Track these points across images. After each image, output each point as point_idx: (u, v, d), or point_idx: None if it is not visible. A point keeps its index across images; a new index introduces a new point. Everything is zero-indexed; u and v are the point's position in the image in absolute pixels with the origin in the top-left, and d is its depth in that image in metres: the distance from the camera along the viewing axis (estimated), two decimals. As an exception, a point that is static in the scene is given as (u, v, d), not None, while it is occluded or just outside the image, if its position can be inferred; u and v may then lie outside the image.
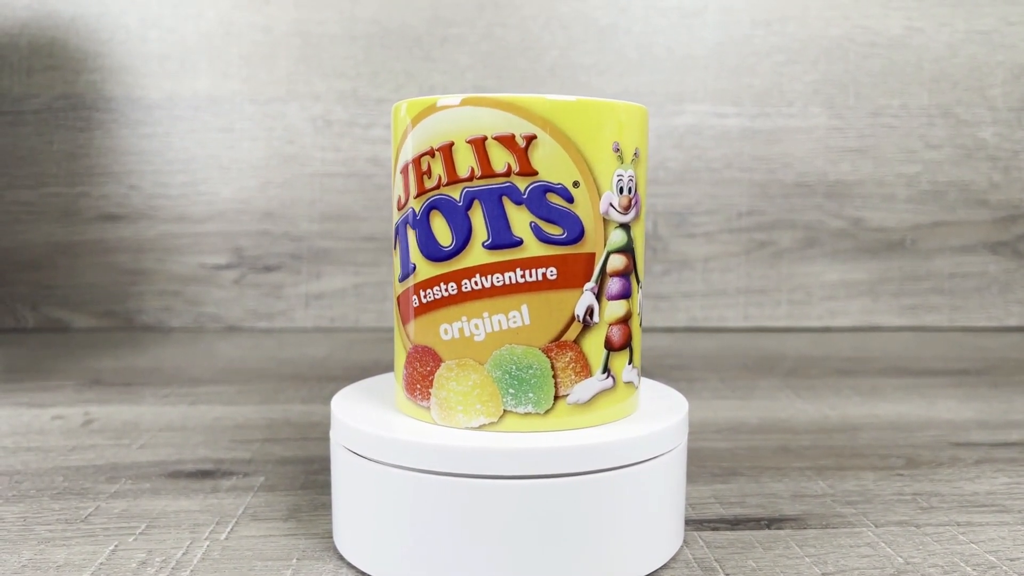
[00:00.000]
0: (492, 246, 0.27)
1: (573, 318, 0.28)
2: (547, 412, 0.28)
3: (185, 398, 0.53)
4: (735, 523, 0.33)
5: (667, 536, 0.30)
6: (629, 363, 0.30)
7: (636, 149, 0.29)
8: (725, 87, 0.81)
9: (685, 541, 0.32)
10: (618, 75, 0.80)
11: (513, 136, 0.27)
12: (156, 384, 0.56)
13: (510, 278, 0.28)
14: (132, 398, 0.53)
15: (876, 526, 0.33)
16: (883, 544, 0.32)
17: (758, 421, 0.49)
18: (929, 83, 0.82)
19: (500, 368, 0.28)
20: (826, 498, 0.36)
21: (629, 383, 0.30)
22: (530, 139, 0.27)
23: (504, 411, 0.28)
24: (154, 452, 0.42)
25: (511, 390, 0.28)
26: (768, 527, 0.33)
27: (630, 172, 0.29)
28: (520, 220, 0.27)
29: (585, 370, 0.28)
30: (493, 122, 0.27)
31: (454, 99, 0.28)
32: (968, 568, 0.30)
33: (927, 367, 0.64)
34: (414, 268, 0.29)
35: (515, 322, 0.28)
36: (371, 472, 0.28)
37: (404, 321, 0.30)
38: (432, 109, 0.28)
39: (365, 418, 0.30)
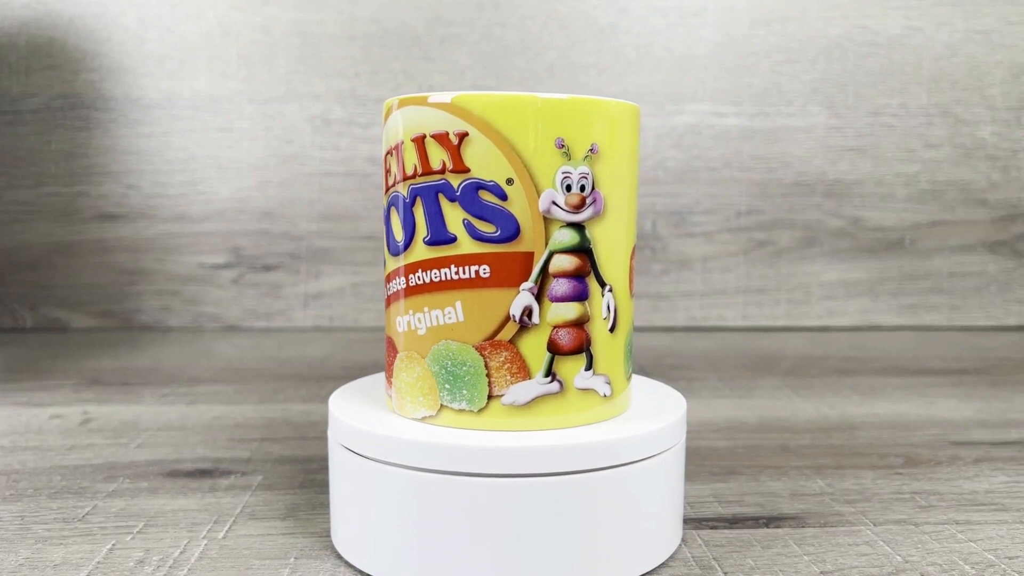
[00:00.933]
0: (430, 242, 0.28)
1: (508, 317, 0.28)
2: (480, 411, 0.28)
3: (183, 397, 0.53)
4: (734, 522, 0.33)
5: (666, 535, 0.30)
6: (587, 369, 0.29)
7: (593, 145, 0.28)
8: (724, 87, 0.81)
9: (684, 540, 0.32)
10: (617, 75, 0.80)
11: (447, 134, 0.27)
12: (154, 384, 0.56)
13: (446, 274, 0.28)
14: (130, 397, 0.53)
15: (875, 525, 0.33)
16: (882, 543, 0.32)
17: (757, 420, 0.49)
18: (928, 82, 0.82)
19: (437, 363, 0.28)
20: (825, 497, 0.36)
21: (588, 390, 0.29)
22: (462, 136, 0.27)
23: (441, 405, 0.28)
24: (152, 451, 0.42)
25: (447, 385, 0.28)
26: (767, 526, 0.33)
27: (582, 169, 0.28)
28: (454, 217, 0.28)
29: (522, 371, 0.28)
30: (432, 121, 0.28)
31: (397, 100, 0.29)
32: (967, 567, 0.30)
33: (926, 366, 0.64)
34: (384, 262, 0.31)
35: (450, 318, 0.28)
36: (369, 471, 0.28)
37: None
38: (390, 110, 0.29)
39: (362, 417, 0.30)
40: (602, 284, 0.29)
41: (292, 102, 0.78)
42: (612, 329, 0.29)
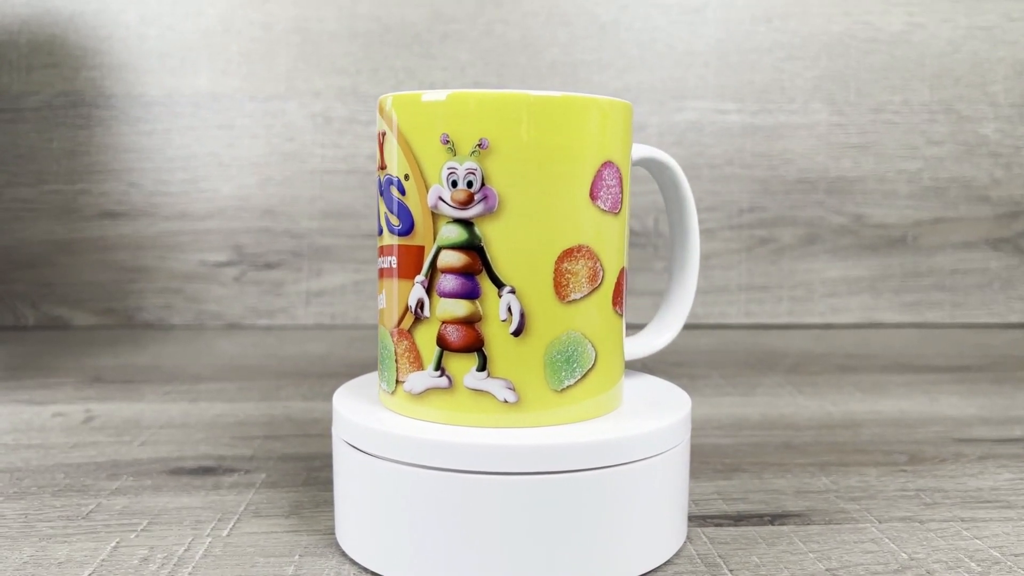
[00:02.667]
0: (377, 232, 0.30)
1: (407, 308, 0.29)
2: (392, 393, 0.30)
3: (186, 395, 0.53)
4: (738, 519, 0.33)
5: (671, 532, 0.30)
6: (480, 370, 0.28)
7: (482, 140, 0.27)
8: (726, 83, 0.80)
9: (688, 537, 0.32)
10: (619, 72, 0.80)
11: (380, 133, 0.29)
12: (157, 381, 0.56)
13: (379, 263, 0.30)
14: (133, 395, 0.52)
15: (880, 522, 0.33)
16: (887, 540, 0.31)
17: (760, 417, 0.49)
18: (931, 79, 0.81)
19: (377, 344, 0.31)
20: (829, 494, 0.36)
21: (481, 392, 0.28)
22: (383, 135, 0.29)
23: (381, 383, 0.31)
24: (155, 449, 0.42)
25: (380, 365, 0.31)
26: (771, 523, 0.33)
27: (469, 165, 0.27)
28: (382, 210, 0.30)
29: (417, 362, 0.29)
30: (380, 120, 0.29)
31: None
32: (972, 564, 0.30)
33: (929, 363, 0.64)
34: None
35: (382, 303, 0.30)
36: (373, 467, 0.28)
37: None
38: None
39: (367, 413, 0.29)
40: (498, 284, 0.28)
41: (293, 99, 0.78)
42: (517, 333, 0.28)
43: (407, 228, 0.28)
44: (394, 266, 0.29)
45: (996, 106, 0.82)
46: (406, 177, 0.28)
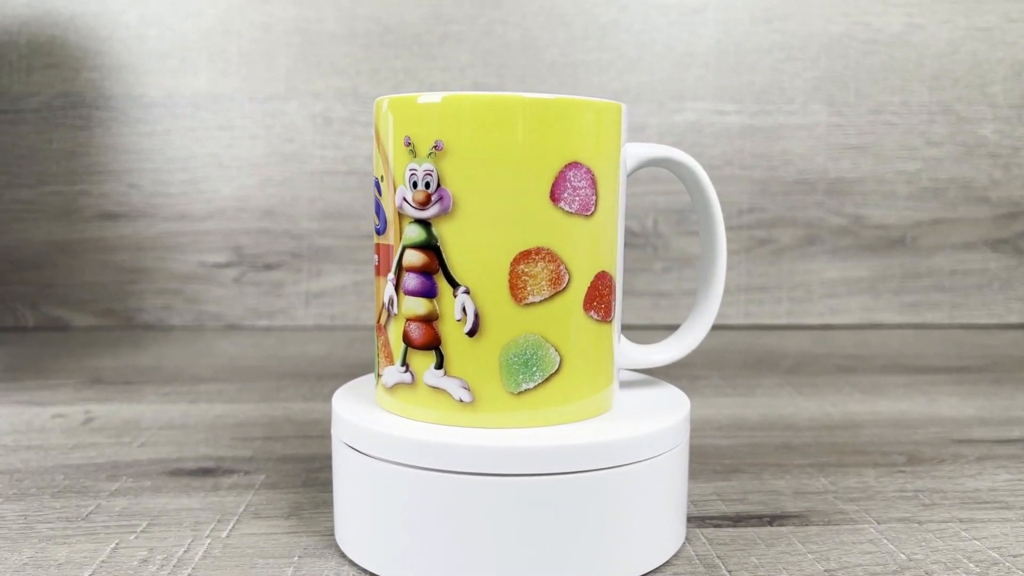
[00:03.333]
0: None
1: (383, 304, 0.30)
2: (375, 385, 0.31)
3: (186, 396, 0.53)
4: (737, 520, 0.33)
5: (670, 533, 0.30)
6: (438, 368, 0.28)
7: (437, 142, 0.28)
8: (725, 84, 0.80)
9: (687, 538, 0.32)
10: (618, 72, 0.80)
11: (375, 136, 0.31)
12: (157, 382, 0.56)
13: (373, 260, 0.31)
14: (133, 396, 0.52)
15: (878, 523, 0.33)
16: (886, 541, 0.32)
17: (759, 418, 0.49)
18: (930, 80, 0.82)
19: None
20: (828, 495, 0.36)
21: (438, 390, 0.29)
22: (374, 137, 0.30)
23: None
24: (155, 450, 0.42)
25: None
26: (770, 524, 0.33)
27: (426, 166, 0.28)
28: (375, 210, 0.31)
29: (389, 357, 0.30)
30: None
31: None
32: (971, 564, 0.30)
33: (928, 364, 0.64)
34: None
35: (375, 299, 0.31)
36: (372, 469, 0.28)
37: None
38: None
39: (366, 415, 0.30)
40: (453, 284, 0.28)
41: (293, 100, 0.78)
42: (472, 333, 0.28)
43: (383, 227, 0.30)
44: (376, 263, 0.31)
45: (995, 107, 0.82)
46: (382, 178, 0.30)
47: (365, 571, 0.29)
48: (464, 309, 0.28)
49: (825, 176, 0.82)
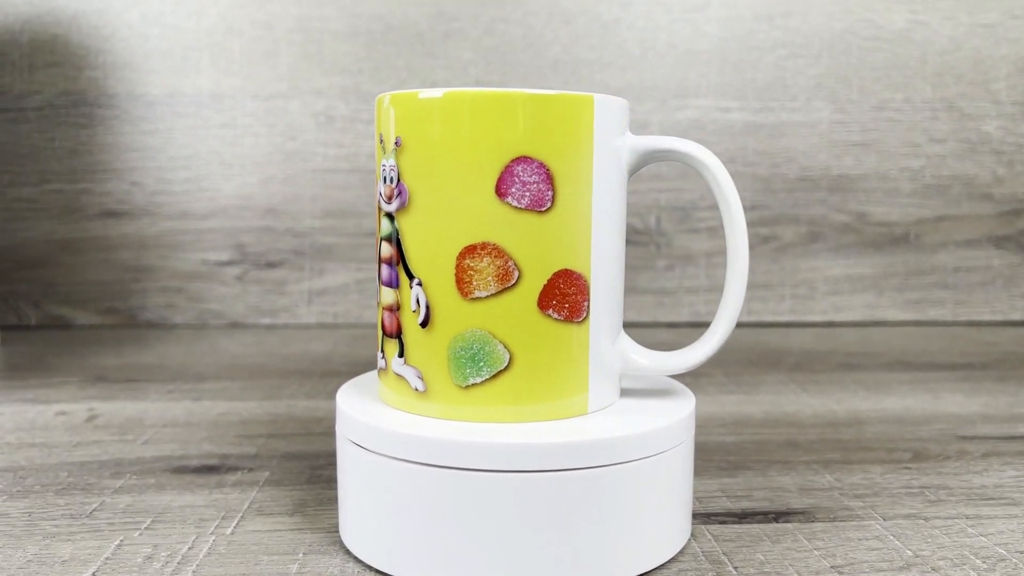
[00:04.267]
0: None
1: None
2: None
3: (189, 394, 0.53)
4: (743, 516, 0.33)
5: (675, 530, 0.30)
6: (399, 356, 0.30)
7: (397, 138, 0.29)
8: (728, 82, 0.80)
9: (693, 535, 0.32)
10: (620, 70, 0.80)
11: None
12: (160, 380, 0.56)
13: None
14: (136, 394, 0.52)
15: (884, 519, 0.33)
16: (892, 537, 0.31)
17: (764, 415, 0.48)
18: (933, 77, 0.81)
19: None
20: (833, 491, 0.36)
21: (401, 377, 0.30)
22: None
23: None
24: (158, 448, 0.42)
25: None
26: (776, 520, 0.33)
27: (391, 162, 0.29)
28: None
29: (378, 343, 0.31)
30: None
31: None
32: (978, 560, 0.29)
33: (932, 361, 0.64)
34: None
35: None
36: (377, 465, 0.28)
37: None
38: None
39: (371, 411, 0.29)
40: (409, 275, 0.29)
41: (295, 98, 0.78)
42: (424, 324, 0.29)
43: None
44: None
45: (998, 104, 0.82)
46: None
47: (369, 567, 0.29)
48: (418, 300, 0.29)
49: (828, 173, 0.82)
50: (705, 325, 0.80)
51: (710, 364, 0.62)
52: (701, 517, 0.33)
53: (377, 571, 0.28)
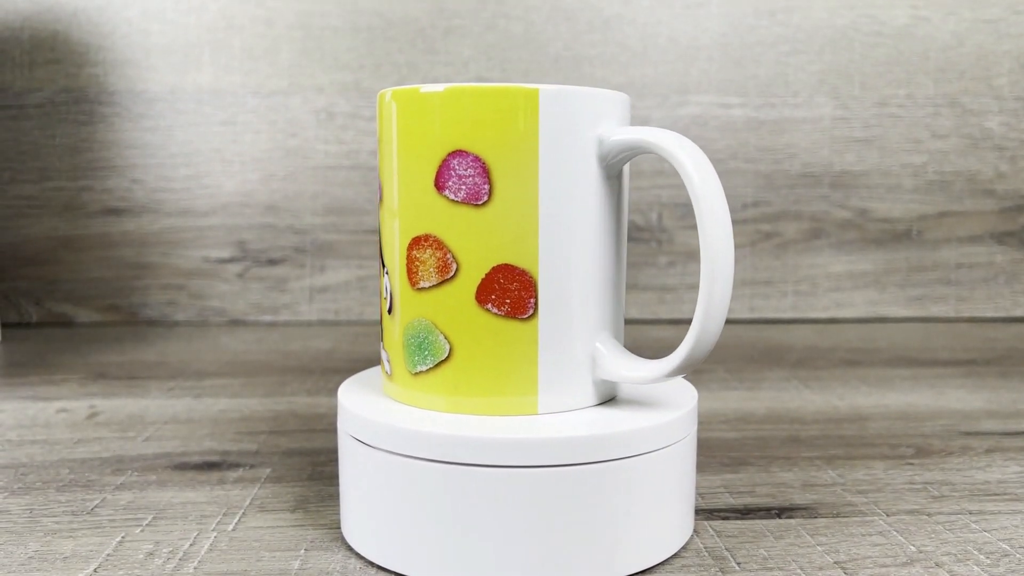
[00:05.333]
0: None
1: None
2: None
3: (190, 391, 0.53)
4: (745, 512, 0.33)
5: (678, 525, 0.30)
6: (381, 339, 0.32)
7: (377, 135, 0.31)
8: (730, 78, 0.80)
9: (695, 530, 0.31)
10: (622, 66, 0.79)
11: None
12: (161, 377, 0.56)
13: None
14: (137, 391, 0.52)
15: (887, 515, 0.33)
16: (895, 533, 0.31)
17: (766, 411, 0.48)
18: (935, 73, 0.81)
19: None
20: (836, 487, 0.36)
21: (382, 359, 0.32)
22: None
23: None
24: (160, 444, 0.42)
25: None
26: (779, 516, 0.33)
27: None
28: None
29: None
30: None
31: None
32: (981, 556, 0.29)
33: (935, 357, 0.64)
34: None
35: None
36: (378, 461, 0.28)
37: None
38: None
39: (372, 407, 0.29)
40: (383, 264, 0.31)
41: (296, 95, 0.78)
42: (390, 311, 0.30)
43: None
44: None
45: (1001, 99, 0.82)
46: None
47: (371, 563, 0.29)
48: (386, 288, 0.31)
49: (830, 169, 0.81)
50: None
51: (711, 361, 0.62)
52: (704, 513, 0.33)
53: (379, 567, 0.28)
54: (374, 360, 0.61)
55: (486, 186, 0.28)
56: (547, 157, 0.28)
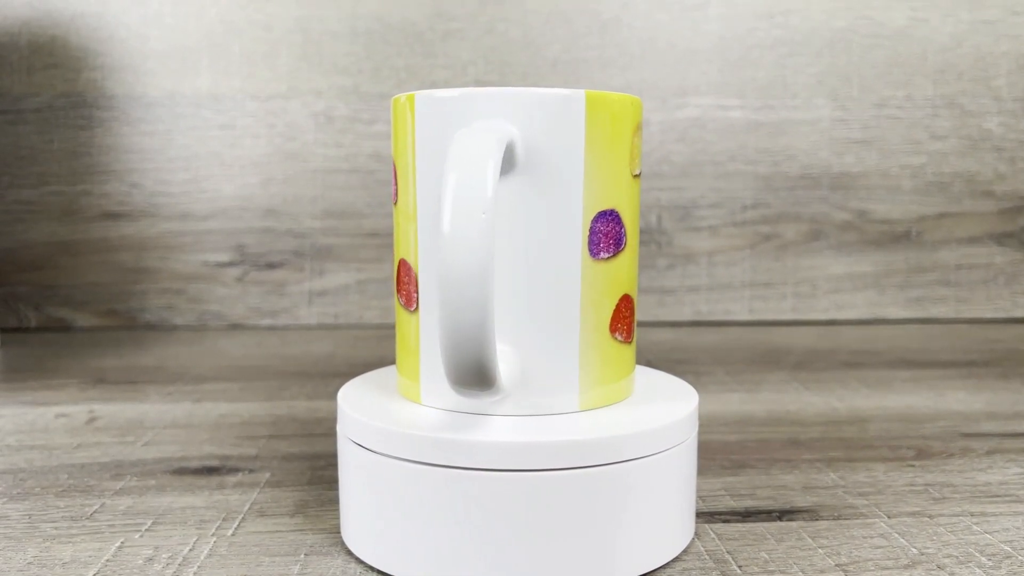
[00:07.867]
0: None
1: None
2: None
3: (189, 395, 0.52)
4: (746, 515, 0.33)
5: (679, 529, 0.29)
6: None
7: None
8: (728, 80, 0.80)
9: (696, 534, 0.31)
10: (620, 69, 0.79)
11: None
12: (160, 382, 0.56)
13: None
14: (136, 396, 0.52)
15: (889, 517, 0.33)
16: (896, 535, 0.31)
17: (766, 414, 0.48)
18: (934, 74, 0.81)
19: None
20: (837, 489, 0.36)
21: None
22: None
23: None
24: (159, 449, 0.42)
25: None
26: (780, 519, 0.33)
27: None
28: None
29: None
30: None
31: None
32: (983, 558, 0.29)
33: (935, 359, 0.64)
34: None
35: None
36: (378, 465, 0.28)
37: None
38: None
39: (372, 411, 0.29)
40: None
41: (295, 99, 0.78)
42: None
43: None
44: None
45: (1000, 100, 0.82)
46: None
47: (371, 568, 0.28)
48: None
49: (829, 171, 0.81)
50: (707, 324, 0.80)
51: (711, 363, 0.62)
52: (705, 516, 0.33)
53: (379, 572, 0.28)
54: (374, 364, 0.61)
55: (395, 187, 0.31)
56: (423, 159, 0.28)
